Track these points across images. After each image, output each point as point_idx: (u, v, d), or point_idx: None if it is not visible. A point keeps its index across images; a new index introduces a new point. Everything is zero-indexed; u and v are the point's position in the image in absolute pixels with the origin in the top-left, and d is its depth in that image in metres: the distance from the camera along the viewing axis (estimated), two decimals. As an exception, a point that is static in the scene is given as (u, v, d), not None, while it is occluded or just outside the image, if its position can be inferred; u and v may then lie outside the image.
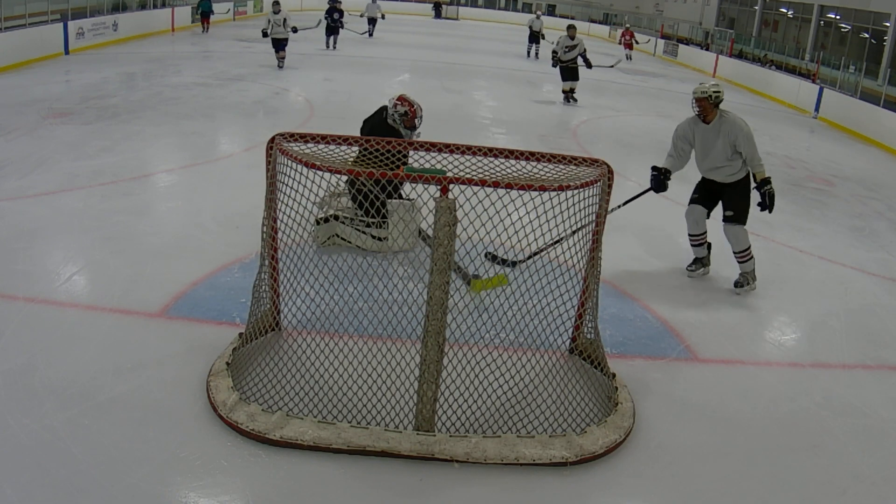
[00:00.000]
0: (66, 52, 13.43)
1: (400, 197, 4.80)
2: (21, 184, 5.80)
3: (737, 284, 4.92)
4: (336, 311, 3.72)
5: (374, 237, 4.62)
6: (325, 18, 17.14)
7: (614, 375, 3.47)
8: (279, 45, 13.19)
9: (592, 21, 36.62)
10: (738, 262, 4.92)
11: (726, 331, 4.36)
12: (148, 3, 18.60)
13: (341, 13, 17.33)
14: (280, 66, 13.19)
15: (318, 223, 4.64)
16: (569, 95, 12.38)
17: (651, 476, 2.97)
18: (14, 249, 4.54)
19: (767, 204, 4.78)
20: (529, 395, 3.35)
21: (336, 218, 4.68)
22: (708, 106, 4.76)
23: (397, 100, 4.96)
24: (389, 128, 4.93)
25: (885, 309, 4.98)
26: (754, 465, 3.09)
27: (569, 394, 3.30)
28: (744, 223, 4.87)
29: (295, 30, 13.27)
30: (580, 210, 3.27)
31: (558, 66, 12.14)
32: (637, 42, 23.43)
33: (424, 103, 5.17)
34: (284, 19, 12.93)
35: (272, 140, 3.28)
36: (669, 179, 4.99)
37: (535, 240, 3.20)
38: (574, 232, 3.34)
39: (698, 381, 3.76)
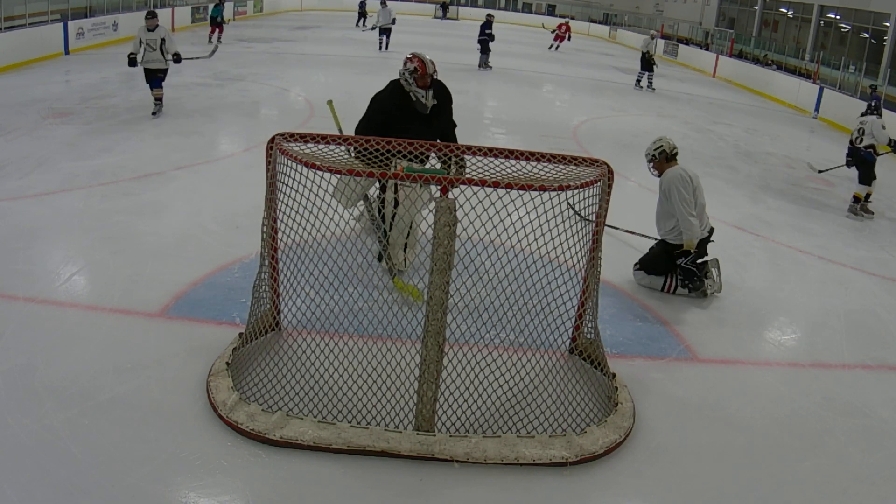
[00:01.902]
0: (66, 52, 13.44)
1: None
2: (21, 184, 5.80)
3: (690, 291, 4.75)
4: (336, 311, 3.72)
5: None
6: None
7: (614, 375, 3.47)
8: (153, 79, 8.44)
9: (592, 21, 36.62)
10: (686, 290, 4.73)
11: (726, 331, 4.36)
12: (148, 3, 18.60)
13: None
14: (155, 113, 8.55)
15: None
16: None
17: (651, 476, 2.97)
18: (14, 249, 4.54)
19: (681, 280, 4.63)
20: (529, 395, 3.34)
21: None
22: (656, 164, 4.81)
23: (407, 57, 4.51)
24: (402, 93, 4.47)
25: (885, 309, 4.98)
26: (754, 465, 3.09)
27: (569, 394, 3.30)
28: (647, 272, 4.77)
29: (178, 58, 8.42)
30: (580, 210, 3.27)
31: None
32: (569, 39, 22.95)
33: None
34: (162, 40, 8.30)
35: (272, 140, 3.28)
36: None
37: (536, 239, 3.19)
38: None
39: (698, 381, 3.76)
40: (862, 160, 7.39)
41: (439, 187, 2.91)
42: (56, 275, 4.26)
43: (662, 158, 4.80)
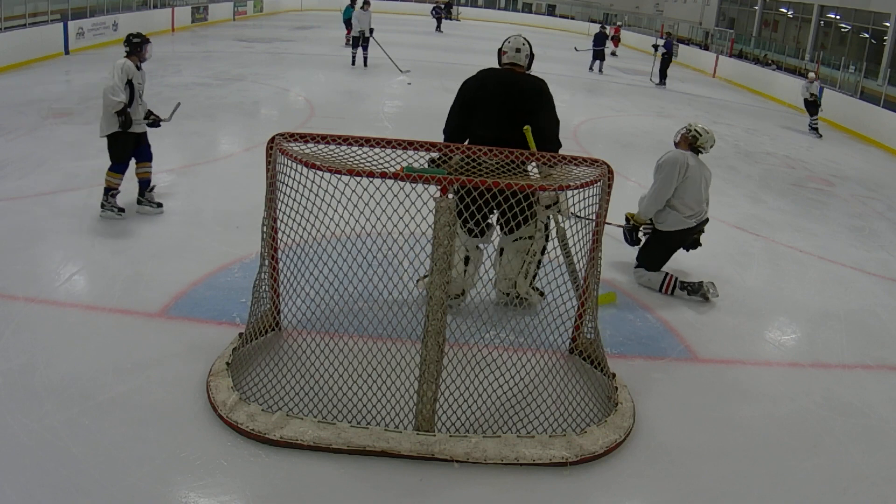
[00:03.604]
0: (66, 52, 13.43)
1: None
2: (21, 184, 5.80)
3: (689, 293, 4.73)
4: (336, 311, 3.72)
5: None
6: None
7: (614, 375, 3.46)
8: (139, 148, 5.37)
9: (592, 21, 36.59)
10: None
11: (726, 331, 4.36)
12: (148, 3, 18.61)
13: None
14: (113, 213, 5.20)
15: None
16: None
17: (651, 476, 2.97)
18: (14, 249, 4.54)
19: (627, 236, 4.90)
20: (529, 395, 3.34)
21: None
22: (678, 143, 4.91)
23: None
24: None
25: (885, 309, 4.98)
26: (754, 465, 3.09)
27: (569, 394, 3.30)
28: (647, 268, 4.81)
29: (156, 122, 5.56)
30: (580, 210, 3.28)
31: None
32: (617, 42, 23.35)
33: (424, 103, 5.17)
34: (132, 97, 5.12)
35: (272, 140, 3.28)
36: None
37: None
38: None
39: (698, 381, 3.76)
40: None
41: (437, 188, 2.91)
42: (56, 275, 4.26)
43: (684, 141, 4.84)
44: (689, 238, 4.85)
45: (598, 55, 18.10)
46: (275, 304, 3.65)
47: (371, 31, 14.21)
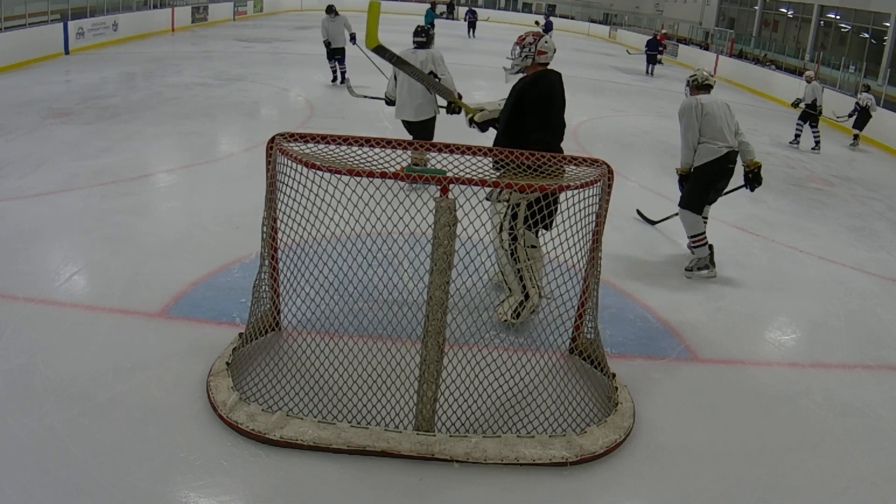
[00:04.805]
0: (66, 52, 13.44)
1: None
2: (21, 184, 5.80)
3: (686, 269, 5.12)
4: (336, 311, 3.72)
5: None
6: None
7: (614, 375, 3.46)
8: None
9: (592, 21, 36.63)
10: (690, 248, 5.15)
11: (726, 331, 4.35)
12: (148, 3, 18.61)
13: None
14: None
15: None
16: None
17: (651, 476, 2.97)
18: (14, 249, 4.54)
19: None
20: (529, 395, 3.34)
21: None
22: (690, 91, 5.19)
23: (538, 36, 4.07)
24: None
25: (885, 309, 4.98)
26: (754, 465, 3.09)
27: (569, 394, 3.30)
28: (685, 208, 5.08)
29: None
30: (580, 210, 3.28)
31: None
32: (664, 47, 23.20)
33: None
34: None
35: (272, 140, 3.28)
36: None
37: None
38: None
39: (698, 381, 3.76)
40: None
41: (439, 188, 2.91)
42: (56, 275, 4.26)
43: (694, 86, 5.14)
44: (724, 168, 4.97)
45: (651, 59, 19.53)
46: (275, 304, 3.65)
47: (352, 37, 11.78)
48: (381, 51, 4.18)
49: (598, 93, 14.60)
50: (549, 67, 4.06)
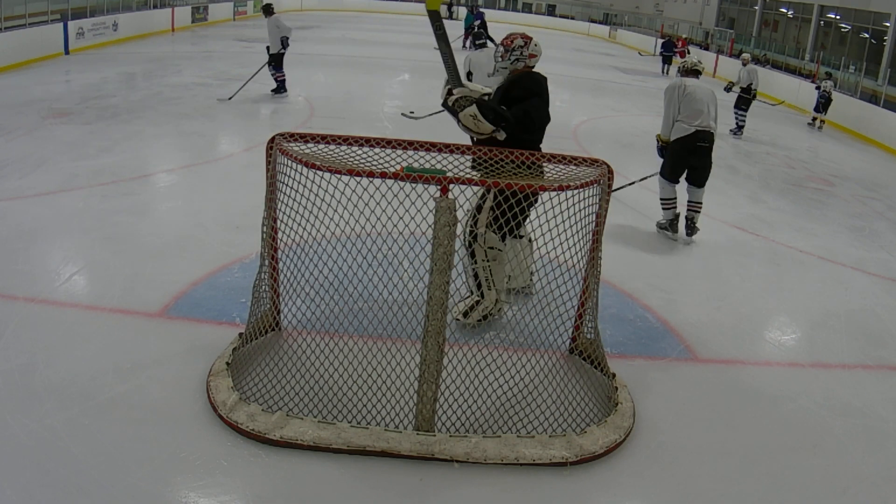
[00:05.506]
0: (66, 52, 13.43)
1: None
2: (21, 184, 5.80)
3: (657, 223, 5.93)
4: (336, 311, 3.72)
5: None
6: None
7: (614, 375, 3.46)
8: None
9: (592, 21, 36.61)
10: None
11: (726, 331, 4.35)
12: (148, 3, 18.61)
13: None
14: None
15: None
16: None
17: (651, 476, 2.97)
18: (14, 249, 4.53)
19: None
20: (529, 395, 3.34)
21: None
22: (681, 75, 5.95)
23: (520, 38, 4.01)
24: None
25: (885, 309, 4.98)
26: (754, 465, 3.09)
27: (569, 394, 3.30)
28: (661, 175, 5.88)
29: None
30: (580, 210, 3.28)
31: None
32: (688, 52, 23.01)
33: (425, 103, 5.17)
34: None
35: (272, 140, 3.28)
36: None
37: (536, 239, 3.19)
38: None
39: (698, 381, 3.76)
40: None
41: (439, 188, 2.91)
42: (56, 275, 4.26)
43: (683, 71, 5.93)
44: (694, 146, 5.57)
45: (667, 60, 20.30)
46: (275, 304, 3.65)
47: (283, 41, 10.09)
48: (435, 17, 3.80)
49: (598, 93, 14.60)
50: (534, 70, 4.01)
